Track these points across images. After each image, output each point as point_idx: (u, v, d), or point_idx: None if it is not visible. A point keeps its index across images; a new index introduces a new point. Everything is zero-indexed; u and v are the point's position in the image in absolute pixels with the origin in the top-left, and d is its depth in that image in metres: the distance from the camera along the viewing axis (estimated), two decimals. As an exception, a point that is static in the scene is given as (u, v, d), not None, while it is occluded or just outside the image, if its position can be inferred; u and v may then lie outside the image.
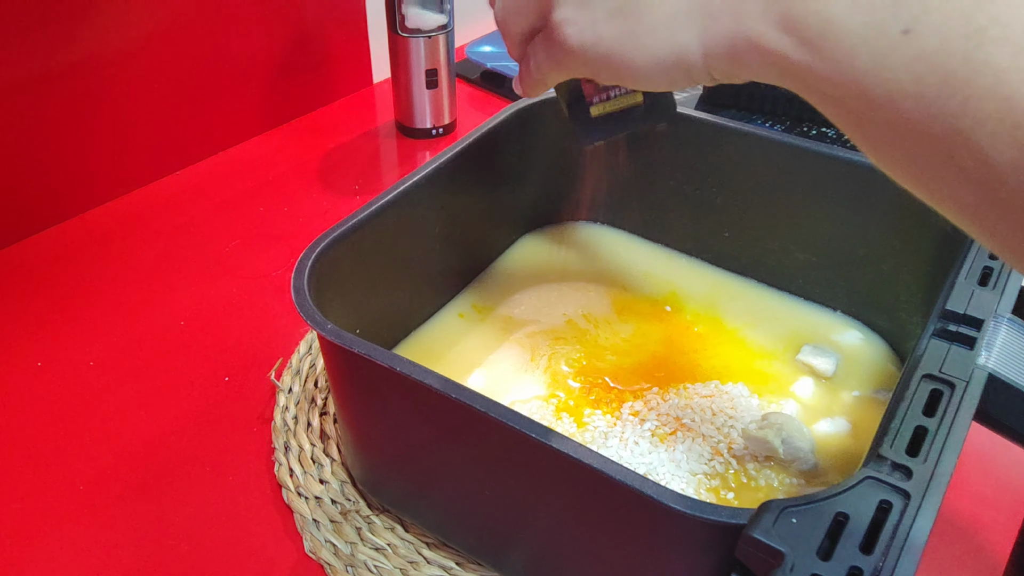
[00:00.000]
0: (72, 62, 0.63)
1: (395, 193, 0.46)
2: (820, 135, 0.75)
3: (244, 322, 0.58)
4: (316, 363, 0.54)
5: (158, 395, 0.53)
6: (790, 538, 0.27)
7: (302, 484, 0.47)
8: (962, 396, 0.32)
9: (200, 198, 0.71)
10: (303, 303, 0.37)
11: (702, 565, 0.31)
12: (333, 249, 0.42)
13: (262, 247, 0.65)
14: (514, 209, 0.58)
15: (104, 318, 0.58)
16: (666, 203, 0.57)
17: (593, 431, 0.46)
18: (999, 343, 0.34)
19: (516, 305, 0.55)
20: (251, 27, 0.75)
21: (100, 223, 0.68)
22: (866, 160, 0.51)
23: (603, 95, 0.41)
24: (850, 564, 0.26)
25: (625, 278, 0.57)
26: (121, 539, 0.44)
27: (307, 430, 0.50)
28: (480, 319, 0.53)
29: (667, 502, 0.28)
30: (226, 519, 0.45)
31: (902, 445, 0.30)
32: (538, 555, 0.39)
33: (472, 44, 0.91)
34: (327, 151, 0.78)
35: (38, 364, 0.55)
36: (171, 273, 0.63)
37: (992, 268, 0.38)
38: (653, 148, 0.56)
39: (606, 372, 0.49)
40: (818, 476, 0.43)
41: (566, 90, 0.41)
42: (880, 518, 0.27)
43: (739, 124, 0.52)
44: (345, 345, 0.35)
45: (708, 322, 0.53)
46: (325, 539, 0.44)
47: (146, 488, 0.47)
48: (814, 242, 0.52)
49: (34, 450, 0.49)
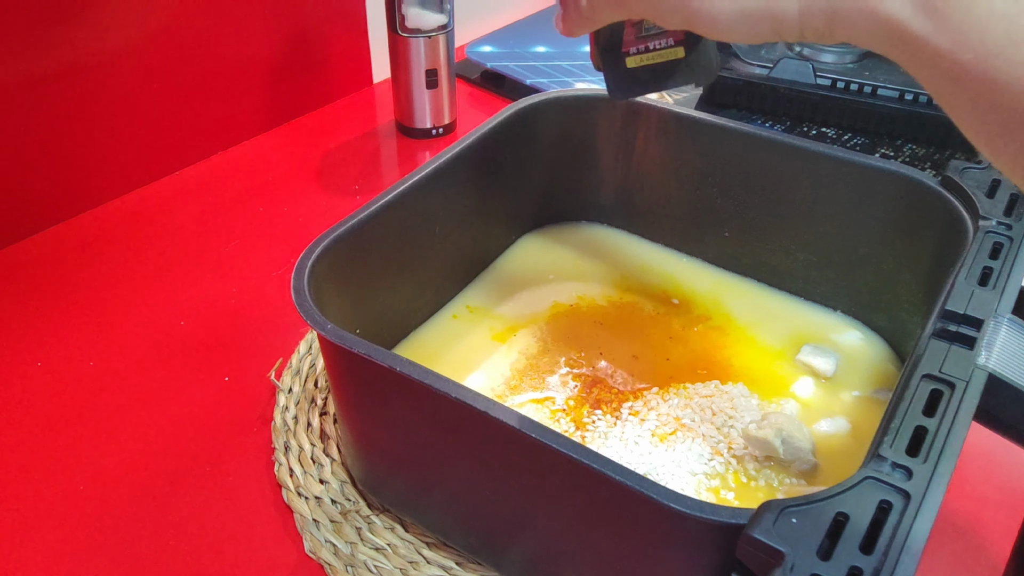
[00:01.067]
0: (71, 62, 0.63)
1: (395, 193, 0.46)
2: (820, 135, 0.75)
3: (244, 322, 0.58)
4: (316, 363, 0.54)
5: (158, 395, 0.53)
6: (790, 538, 0.27)
7: (302, 484, 0.47)
8: (962, 396, 0.32)
9: (200, 198, 0.71)
10: (303, 303, 0.37)
11: (702, 565, 0.31)
12: (333, 249, 0.42)
13: (262, 247, 0.65)
14: (514, 209, 0.58)
15: (104, 318, 0.58)
16: (667, 203, 0.57)
17: (593, 431, 0.46)
18: (999, 343, 0.34)
19: (516, 305, 0.55)
20: (251, 27, 0.75)
21: (100, 223, 0.68)
22: (866, 160, 0.51)
23: (643, 46, 0.38)
24: (850, 564, 0.26)
25: (625, 278, 0.57)
26: (121, 539, 0.44)
27: (307, 430, 0.50)
28: (480, 319, 0.53)
29: (667, 502, 0.28)
30: (226, 519, 0.45)
31: (902, 445, 0.30)
32: (538, 555, 0.39)
33: (472, 44, 0.91)
34: (327, 151, 0.78)
35: (38, 364, 0.55)
36: (171, 273, 0.63)
37: (992, 268, 0.38)
38: (654, 148, 0.56)
39: (606, 372, 0.49)
40: (818, 476, 0.43)
41: (606, 35, 0.38)
42: (880, 518, 0.27)
43: (739, 124, 0.52)
44: (345, 345, 0.35)
45: (708, 322, 0.53)
46: (325, 539, 0.44)
47: (146, 488, 0.47)
48: (814, 242, 0.52)
49: (34, 450, 0.49)
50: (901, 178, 0.47)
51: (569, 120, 0.56)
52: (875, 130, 0.74)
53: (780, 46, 0.80)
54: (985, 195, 0.43)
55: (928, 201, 0.46)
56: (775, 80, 0.75)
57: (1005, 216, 0.42)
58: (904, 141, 0.73)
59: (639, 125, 0.55)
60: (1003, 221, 0.41)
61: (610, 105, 0.55)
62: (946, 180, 0.45)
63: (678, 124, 0.54)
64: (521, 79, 0.84)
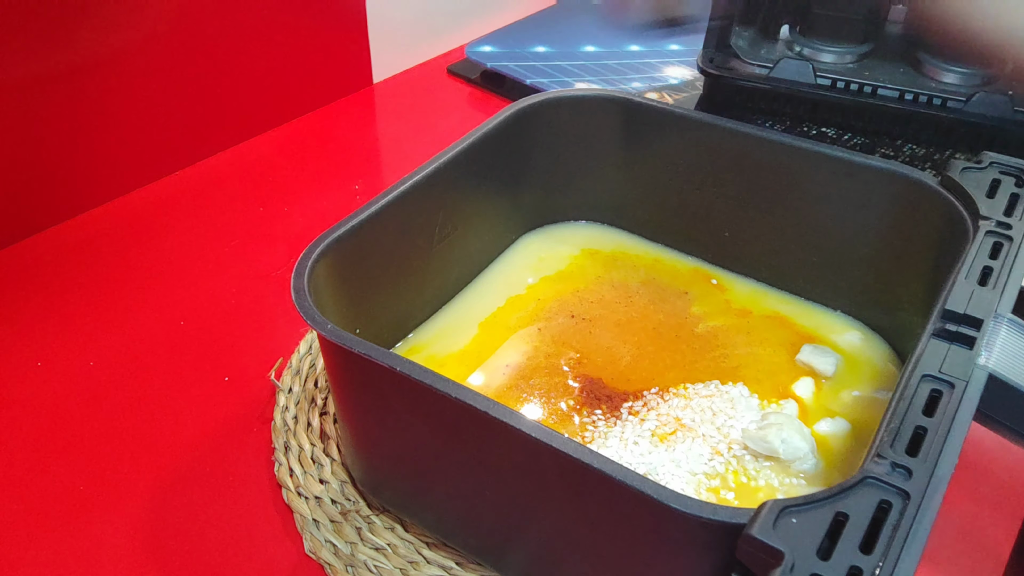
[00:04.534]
0: (70, 62, 0.63)
1: (395, 193, 0.46)
2: (820, 135, 0.75)
3: (244, 322, 0.58)
4: (316, 363, 0.54)
5: (158, 395, 0.53)
6: (790, 538, 0.27)
7: (302, 484, 0.47)
8: (962, 396, 0.32)
9: (199, 198, 0.71)
10: (303, 303, 0.37)
11: (702, 565, 0.31)
12: (333, 249, 0.42)
13: (262, 247, 0.65)
14: (514, 209, 0.58)
15: (104, 318, 0.58)
16: (666, 202, 0.57)
17: (593, 431, 0.46)
18: (999, 343, 0.34)
19: (516, 305, 0.55)
20: (251, 27, 0.75)
21: (100, 223, 0.68)
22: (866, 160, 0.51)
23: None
24: (850, 564, 0.26)
25: (624, 278, 0.57)
26: (120, 539, 0.44)
27: (307, 430, 0.50)
28: (480, 319, 0.53)
29: (667, 502, 0.28)
30: (226, 519, 0.45)
31: (902, 445, 0.30)
32: (538, 554, 0.39)
33: (472, 44, 0.91)
34: (327, 151, 0.78)
35: (38, 364, 0.55)
36: (171, 273, 0.63)
37: (992, 268, 0.38)
38: (654, 148, 0.56)
39: (605, 372, 0.49)
40: (818, 476, 0.43)
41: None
42: (880, 518, 0.27)
43: (739, 124, 0.52)
44: (346, 345, 0.35)
45: (707, 321, 0.53)
46: (325, 539, 0.44)
47: (146, 488, 0.47)
48: (814, 242, 0.52)
49: (34, 449, 0.49)
50: (901, 178, 0.47)
51: (569, 120, 0.56)
52: (875, 130, 0.74)
53: (780, 46, 0.80)
54: (985, 195, 0.43)
55: (928, 201, 0.46)
56: (775, 80, 0.75)
57: (1005, 216, 0.42)
58: (904, 141, 0.73)
59: (639, 125, 0.55)
60: (1003, 221, 0.41)
61: (610, 105, 0.55)
62: (946, 180, 0.45)
63: (678, 124, 0.54)
64: (521, 79, 0.84)
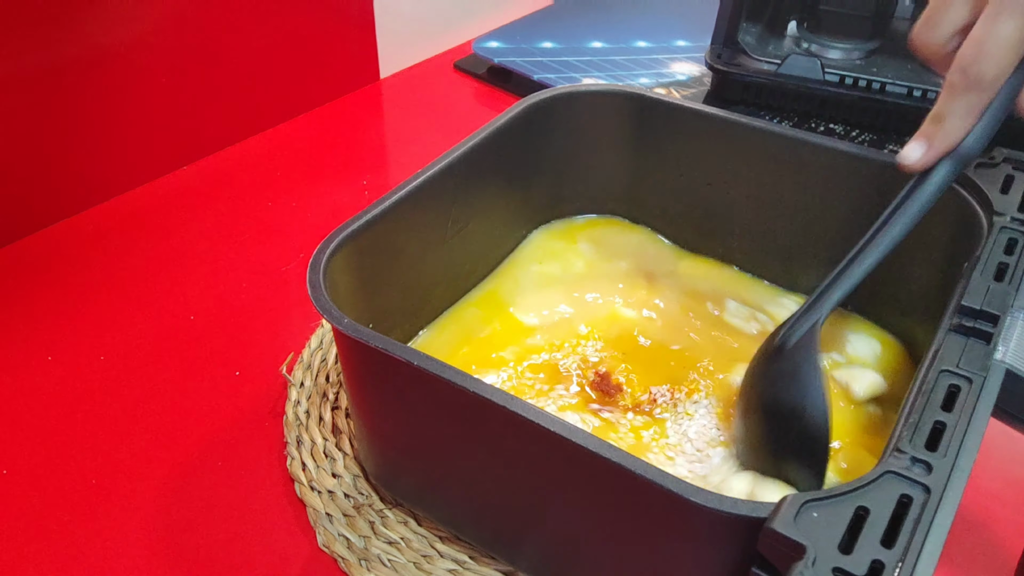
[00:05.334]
0: (76, 57, 0.63)
1: (408, 188, 0.46)
2: (828, 132, 0.75)
3: (254, 317, 0.58)
4: (327, 357, 0.54)
5: (169, 390, 0.53)
6: (811, 532, 0.27)
7: (315, 478, 0.47)
8: (980, 391, 0.32)
9: (208, 193, 0.71)
10: (319, 298, 0.37)
11: (722, 558, 0.31)
12: (348, 244, 0.42)
13: (271, 242, 0.65)
14: (525, 204, 0.58)
15: (114, 313, 0.58)
16: (676, 198, 0.57)
17: (604, 426, 0.46)
18: (1016, 338, 0.34)
19: (528, 300, 0.55)
20: (258, 21, 0.75)
21: (109, 218, 0.68)
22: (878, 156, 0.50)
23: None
24: (872, 558, 0.26)
25: (634, 273, 0.57)
26: (132, 533, 0.44)
27: (319, 424, 0.50)
28: (492, 314, 0.53)
29: (688, 496, 0.29)
30: (238, 514, 0.45)
31: (921, 440, 0.30)
32: (553, 549, 0.39)
33: (479, 40, 0.90)
34: (335, 147, 0.78)
35: (48, 358, 0.55)
36: (180, 268, 0.63)
37: (1007, 264, 0.38)
38: (663, 143, 0.56)
39: (616, 368, 0.49)
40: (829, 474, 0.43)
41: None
42: (901, 512, 0.27)
43: (750, 119, 0.52)
44: (362, 340, 0.35)
45: (716, 319, 0.53)
46: (338, 533, 0.44)
47: (157, 483, 0.47)
48: (825, 239, 0.52)
49: (45, 443, 0.49)
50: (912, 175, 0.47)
51: (581, 114, 0.56)
52: (884, 127, 0.74)
53: (788, 42, 0.80)
54: (999, 191, 0.43)
55: (941, 197, 0.46)
56: (783, 76, 0.75)
57: (1019, 212, 0.42)
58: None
59: (652, 120, 0.55)
60: (1017, 217, 0.41)
61: (624, 100, 0.55)
62: (959, 176, 0.45)
63: (688, 119, 0.54)
64: (528, 74, 0.84)
